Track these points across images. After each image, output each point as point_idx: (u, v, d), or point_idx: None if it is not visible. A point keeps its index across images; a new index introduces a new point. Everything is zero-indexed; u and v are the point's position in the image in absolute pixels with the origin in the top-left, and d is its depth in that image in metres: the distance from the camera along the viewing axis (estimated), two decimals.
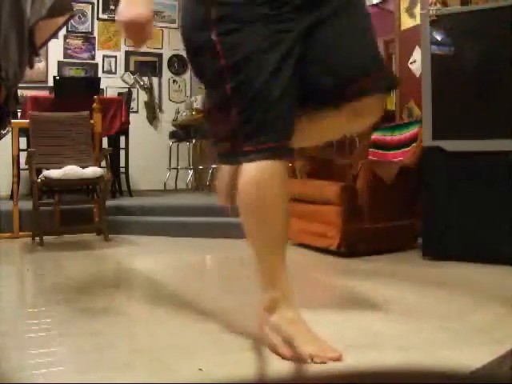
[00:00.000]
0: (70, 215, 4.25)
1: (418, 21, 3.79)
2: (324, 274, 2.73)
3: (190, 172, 6.93)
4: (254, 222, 1.43)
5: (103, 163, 4.35)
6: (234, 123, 1.40)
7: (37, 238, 3.72)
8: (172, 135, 7.03)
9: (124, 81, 7.35)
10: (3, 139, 2.13)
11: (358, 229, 3.12)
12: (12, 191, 4.38)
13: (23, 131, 4.40)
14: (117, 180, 5.54)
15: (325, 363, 1.30)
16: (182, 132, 6.81)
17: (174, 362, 1.41)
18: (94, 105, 4.48)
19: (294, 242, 3.55)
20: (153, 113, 7.52)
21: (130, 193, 5.79)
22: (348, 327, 1.73)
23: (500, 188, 2.72)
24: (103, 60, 7.27)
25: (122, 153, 5.73)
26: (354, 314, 1.89)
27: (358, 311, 1.94)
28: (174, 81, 7.73)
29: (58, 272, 2.94)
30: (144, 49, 7.51)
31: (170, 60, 7.66)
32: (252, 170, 1.39)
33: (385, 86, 1.54)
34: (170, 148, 7.02)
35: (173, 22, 7.69)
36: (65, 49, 7.05)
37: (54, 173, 3.69)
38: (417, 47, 3.94)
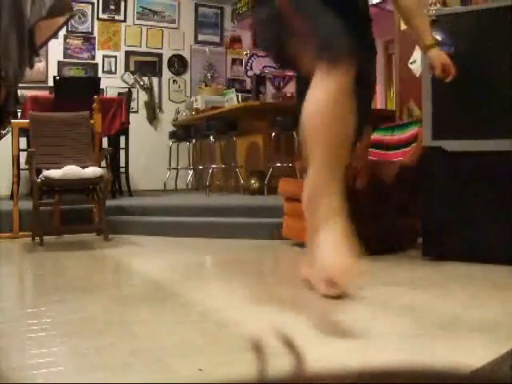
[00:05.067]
0: (70, 215, 4.26)
1: None
2: None
3: (190, 172, 6.93)
4: None
5: (103, 163, 4.36)
6: None
7: (37, 238, 3.72)
8: (172, 135, 7.03)
9: (124, 81, 7.37)
10: (3, 139, 2.13)
11: (358, 229, 3.11)
12: (12, 191, 4.39)
13: (23, 131, 4.40)
14: (117, 180, 5.54)
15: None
16: (181, 132, 6.82)
17: (174, 362, 1.41)
18: (94, 105, 4.48)
19: (294, 242, 3.55)
20: (153, 113, 7.53)
21: (130, 193, 5.79)
22: (347, 327, 1.73)
23: (500, 188, 2.72)
24: (103, 60, 7.27)
25: (122, 153, 5.73)
26: (354, 314, 1.89)
27: (357, 311, 1.94)
28: (174, 81, 7.73)
29: (58, 272, 2.94)
30: (144, 49, 7.53)
31: (169, 60, 7.67)
32: None
33: None
34: (170, 148, 7.03)
35: (173, 21, 7.69)
36: (65, 49, 7.06)
37: (54, 173, 3.69)
38: (417, 47, 3.94)
